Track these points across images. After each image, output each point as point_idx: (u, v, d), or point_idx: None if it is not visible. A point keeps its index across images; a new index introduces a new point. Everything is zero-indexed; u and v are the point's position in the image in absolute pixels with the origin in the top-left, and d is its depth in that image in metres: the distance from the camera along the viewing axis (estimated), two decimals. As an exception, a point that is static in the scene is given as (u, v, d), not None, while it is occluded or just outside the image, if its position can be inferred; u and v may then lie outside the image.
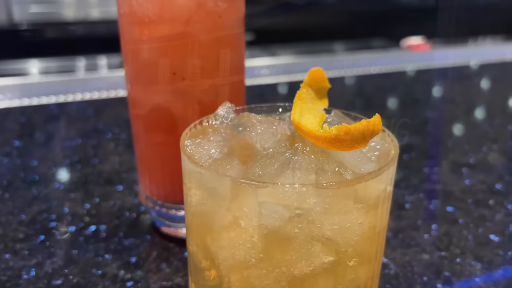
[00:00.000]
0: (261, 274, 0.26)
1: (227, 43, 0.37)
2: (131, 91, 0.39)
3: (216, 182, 0.26)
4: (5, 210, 0.48)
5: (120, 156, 0.60)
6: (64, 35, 2.51)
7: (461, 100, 0.84)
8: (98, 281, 0.38)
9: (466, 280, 0.38)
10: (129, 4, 0.35)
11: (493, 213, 0.48)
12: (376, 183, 0.26)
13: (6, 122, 0.72)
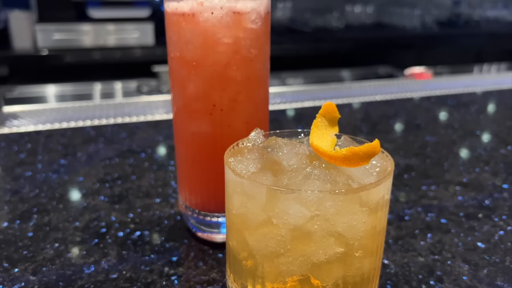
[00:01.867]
0: (288, 261, 0.34)
1: (256, 81, 0.46)
2: (177, 117, 0.47)
3: (255, 189, 0.34)
4: (61, 218, 0.56)
5: (155, 173, 0.69)
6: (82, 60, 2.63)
7: (459, 125, 0.91)
8: (147, 275, 0.46)
9: (455, 279, 0.45)
10: (180, 50, 0.44)
11: (482, 224, 0.55)
12: (376, 192, 0.34)
13: (50, 143, 0.81)
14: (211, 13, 0.41)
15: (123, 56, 2.70)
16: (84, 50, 2.64)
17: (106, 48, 2.67)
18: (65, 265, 0.47)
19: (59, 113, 0.98)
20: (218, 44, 0.43)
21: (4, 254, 0.49)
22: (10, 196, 0.62)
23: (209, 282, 0.45)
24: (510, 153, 0.77)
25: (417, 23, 3.64)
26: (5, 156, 0.75)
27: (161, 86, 2.66)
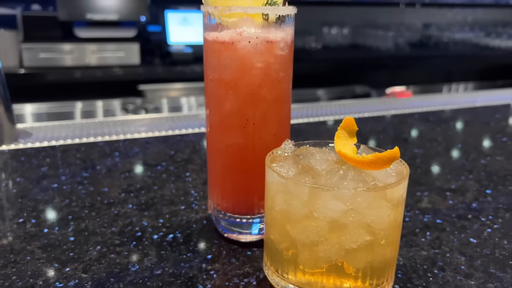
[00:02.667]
0: (325, 249, 0.41)
1: (282, 99, 0.53)
2: (212, 131, 0.54)
3: (298, 188, 0.41)
4: (97, 225, 0.61)
5: (174, 183, 0.74)
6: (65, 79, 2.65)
7: (442, 139, 1.01)
8: (188, 271, 0.52)
9: (454, 268, 0.53)
10: (219, 73, 0.50)
11: (471, 224, 0.63)
12: (398, 190, 0.41)
13: (67, 158, 0.85)
14: (248, 42, 0.49)
15: (109, 75, 2.74)
16: (68, 68, 2.67)
17: (91, 67, 2.70)
18: (111, 264, 0.52)
19: (69, 129, 1.02)
20: (252, 68, 0.50)
21: (52, 256, 0.54)
22: (42, 205, 0.66)
23: (244, 275, 0.51)
24: (489, 163, 0.86)
25: (390, 44, 3.81)
26: (28, 170, 0.79)
27: (146, 104, 2.71)
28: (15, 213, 0.64)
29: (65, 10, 2.63)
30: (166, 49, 2.93)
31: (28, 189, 0.72)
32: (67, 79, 2.67)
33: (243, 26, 0.49)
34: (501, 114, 1.26)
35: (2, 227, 0.60)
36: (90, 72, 2.70)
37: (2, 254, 0.54)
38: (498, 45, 4.04)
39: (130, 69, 2.76)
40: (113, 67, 2.74)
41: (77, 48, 2.66)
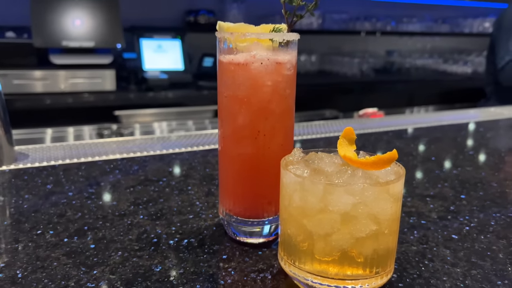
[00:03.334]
0: (338, 238, 0.47)
1: (288, 113, 0.60)
2: (225, 142, 0.60)
3: (313, 186, 0.47)
4: (113, 233, 0.65)
5: (178, 196, 0.79)
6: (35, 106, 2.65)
7: (416, 153, 1.10)
8: (208, 269, 0.57)
9: (442, 259, 0.60)
10: (233, 90, 0.57)
11: (452, 223, 0.71)
12: (398, 185, 0.48)
13: (70, 176, 0.89)
14: (261, 63, 0.56)
15: (85, 101, 2.75)
16: (42, 95, 2.66)
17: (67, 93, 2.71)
18: (136, 266, 0.57)
19: (65, 150, 1.05)
20: (263, 86, 0.57)
21: (78, 261, 0.58)
22: (56, 218, 0.70)
23: (259, 271, 0.56)
24: (460, 173, 0.96)
25: (356, 70, 3.99)
26: (34, 187, 0.82)
27: (121, 130, 2.73)
28: (32, 225, 0.67)
29: (40, 37, 2.65)
30: (141, 75, 2.98)
31: (39, 204, 0.75)
32: (39, 105, 2.66)
33: (255, 50, 0.56)
34: (465, 132, 1.38)
35: (22, 238, 0.64)
36: (65, 98, 2.70)
37: (29, 262, 0.57)
38: (455, 70, 4.31)
39: (106, 95, 2.79)
40: (89, 93, 2.75)
41: (52, 75, 2.67)
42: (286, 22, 0.59)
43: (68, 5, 2.73)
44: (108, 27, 2.81)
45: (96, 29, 2.78)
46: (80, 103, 2.74)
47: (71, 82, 2.72)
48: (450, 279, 0.56)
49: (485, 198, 0.82)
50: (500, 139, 1.34)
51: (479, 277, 0.56)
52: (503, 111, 1.70)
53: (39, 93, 2.67)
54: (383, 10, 4.34)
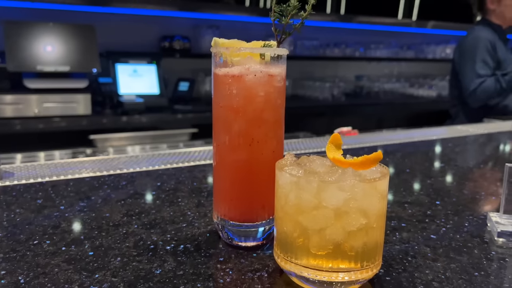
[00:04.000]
0: (331, 232, 0.51)
1: (279, 122, 0.64)
2: (220, 150, 0.64)
3: (308, 184, 0.51)
4: (111, 241, 0.67)
5: (169, 207, 0.82)
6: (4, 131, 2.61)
7: (392, 166, 1.16)
8: (206, 270, 0.59)
9: (423, 255, 0.65)
10: (228, 100, 0.61)
11: (429, 225, 0.77)
12: (384, 182, 0.53)
13: (59, 191, 0.90)
14: (254, 75, 0.60)
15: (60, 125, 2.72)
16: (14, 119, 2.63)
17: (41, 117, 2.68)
18: (136, 270, 0.59)
19: (50, 168, 1.06)
20: (257, 96, 0.61)
21: (78, 267, 0.59)
22: (51, 230, 0.71)
23: (256, 270, 0.59)
24: (434, 182, 1.02)
25: (327, 94, 4.11)
26: (24, 202, 0.83)
27: (96, 154, 2.71)
28: (27, 236, 0.68)
29: (14, 61, 2.64)
30: (117, 99, 2.98)
31: (32, 217, 0.76)
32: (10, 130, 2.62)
33: (248, 63, 0.60)
34: (435, 147, 1.46)
35: (19, 248, 0.65)
36: (38, 123, 2.67)
37: (29, 268, 0.58)
38: (421, 94, 4.50)
39: (81, 119, 2.77)
40: (63, 117, 2.74)
41: (25, 99, 2.65)
42: (276, 39, 0.64)
43: (43, 30, 2.73)
44: (84, 52, 2.83)
45: (72, 53, 2.79)
46: (54, 127, 2.72)
47: (45, 106, 2.70)
48: (432, 272, 0.60)
49: (458, 203, 0.88)
50: (467, 153, 1.42)
51: (458, 270, 0.61)
52: (469, 129, 1.81)
53: (10, 117, 2.63)
54: (352, 37, 4.52)
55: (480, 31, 2.52)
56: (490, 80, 2.38)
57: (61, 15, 3.17)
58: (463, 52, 2.52)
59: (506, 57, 2.49)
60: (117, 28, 3.39)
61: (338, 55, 4.32)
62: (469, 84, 2.43)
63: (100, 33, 2.93)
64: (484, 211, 0.85)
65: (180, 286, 0.55)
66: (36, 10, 3.07)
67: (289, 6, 0.62)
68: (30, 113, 2.66)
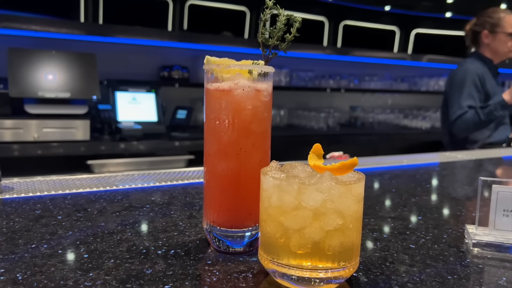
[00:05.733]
0: (310, 231, 0.55)
1: (266, 133, 0.69)
2: (210, 159, 0.68)
3: (289, 186, 0.56)
4: (105, 246, 0.71)
5: (162, 219, 0.85)
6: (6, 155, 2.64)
7: (378, 187, 1.21)
8: (195, 271, 0.63)
9: (401, 262, 0.69)
10: (218, 113, 0.66)
11: (410, 236, 0.80)
12: (359, 186, 0.57)
13: (57, 204, 0.93)
14: (243, 90, 0.66)
15: (58, 150, 2.77)
16: (14, 144, 2.67)
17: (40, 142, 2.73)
18: (128, 270, 0.62)
19: (49, 184, 1.10)
20: (245, 109, 0.66)
21: (74, 266, 0.63)
22: (49, 236, 0.75)
23: (241, 272, 0.63)
24: (418, 201, 1.06)
25: (322, 124, 4.19)
26: (23, 212, 0.87)
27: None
28: (26, 241, 0.72)
29: (16, 88, 2.71)
30: (115, 126, 3.04)
31: (30, 225, 0.79)
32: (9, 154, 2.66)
33: (238, 79, 0.66)
34: (423, 170, 1.51)
35: (17, 250, 0.68)
36: (37, 148, 2.72)
37: (27, 268, 0.62)
38: (415, 125, 4.58)
39: (79, 144, 2.82)
40: (62, 142, 2.78)
41: (25, 124, 2.70)
42: (263, 58, 0.70)
43: (45, 57, 2.82)
44: (84, 79, 2.91)
45: (73, 80, 2.86)
46: (52, 152, 2.76)
47: (44, 131, 2.75)
48: (408, 275, 0.64)
49: (439, 219, 0.92)
50: (453, 176, 1.47)
51: (433, 274, 0.65)
52: (457, 155, 1.86)
53: (9, 141, 2.68)
54: (346, 69, 4.64)
55: (470, 64, 2.61)
56: (470, 112, 2.44)
57: (63, 44, 3.27)
58: (452, 83, 2.60)
59: (494, 90, 2.57)
60: (118, 57, 3.49)
61: (333, 86, 4.43)
62: (452, 114, 2.51)
63: (101, 61, 3.03)
64: (463, 225, 0.89)
65: (169, 283, 0.59)
66: (39, 39, 3.18)
67: (275, 29, 0.69)
68: (29, 138, 2.71)
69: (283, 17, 0.69)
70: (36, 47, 3.15)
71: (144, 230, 0.79)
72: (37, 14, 3.52)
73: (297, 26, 0.69)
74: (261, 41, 0.69)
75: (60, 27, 3.07)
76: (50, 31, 2.99)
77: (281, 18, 0.69)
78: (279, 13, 0.69)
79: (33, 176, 2.56)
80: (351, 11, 5.00)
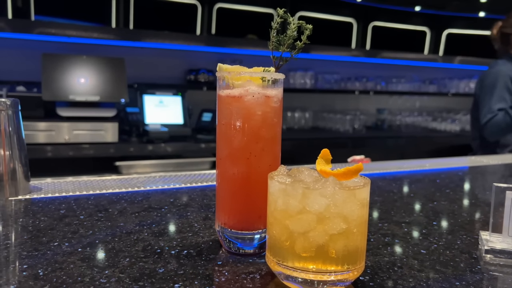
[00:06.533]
0: (315, 235, 0.57)
1: (275, 138, 0.71)
2: (222, 163, 0.70)
3: (294, 191, 0.57)
4: (122, 245, 0.74)
5: (179, 220, 0.88)
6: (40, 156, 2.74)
7: (397, 191, 1.20)
8: (205, 271, 0.65)
9: (410, 267, 0.69)
10: (229, 118, 0.69)
11: (422, 242, 0.80)
12: (363, 191, 0.58)
13: (81, 204, 0.98)
14: (252, 96, 0.68)
15: (88, 151, 2.86)
16: (47, 145, 2.78)
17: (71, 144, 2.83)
18: (142, 268, 0.65)
19: (74, 185, 1.15)
20: (255, 115, 0.68)
21: (91, 264, 0.66)
22: (71, 234, 0.79)
23: (250, 273, 0.65)
24: (436, 206, 1.06)
25: (348, 127, 4.16)
26: (48, 212, 0.91)
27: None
28: (49, 239, 0.76)
29: (49, 91, 2.82)
30: (143, 128, 3.12)
31: (54, 224, 0.84)
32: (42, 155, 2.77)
33: (248, 86, 0.68)
34: (445, 175, 1.49)
35: (40, 247, 0.72)
36: (68, 149, 2.82)
37: (49, 265, 0.66)
38: (444, 128, 4.49)
39: (108, 146, 2.91)
40: (91, 144, 2.88)
41: (57, 126, 2.81)
42: (274, 65, 0.72)
43: (77, 62, 2.92)
44: (113, 83, 3.00)
45: (102, 84, 2.96)
46: (83, 154, 2.86)
47: (75, 134, 2.85)
48: (415, 281, 0.64)
49: (455, 224, 0.92)
50: (476, 181, 1.44)
51: (440, 279, 0.65)
52: (483, 160, 1.82)
53: (44, 143, 2.79)
54: (373, 71, 4.60)
55: (502, 66, 2.54)
56: (501, 114, 2.38)
57: (94, 49, 3.38)
58: (483, 85, 2.54)
59: (527, 92, 2.50)
60: (146, 61, 3.57)
61: (359, 89, 4.39)
62: (483, 117, 2.45)
63: (129, 65, 3.11)
64: (479, 231, 0.88)
65: (179, 282, 0.61)
66: (71, 44, 3.29)
67: (286, 36, 0.70)
68: (61, 140, 2.81)
69: (293, 25, 0.70)
70: (69, 52, 3.26)
71: (160, 231, 0.82)
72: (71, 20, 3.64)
73: (307, 34, 0.71)
74: (272, 49, 0.71)
75: (91, 32, 3.18)
76: (81, 36, 3.10)
77: (292, 26, 0.70)
78: (289, 21, 0.71)
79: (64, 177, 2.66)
80: (380, 12, 4.94)
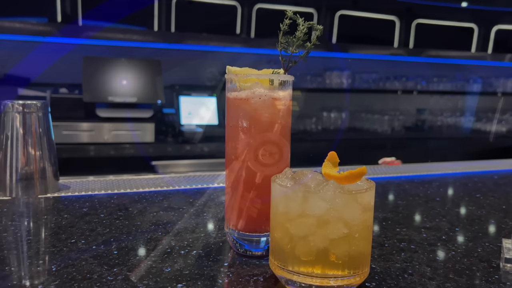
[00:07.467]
0: (314, 239, 0.56)
1: (283, 140, 0.71)
2: (231, 165, 0.71)
3: (294, 194, 0.57)
4: (134, 244, 0.76)
5: (194, 220, 0.90)
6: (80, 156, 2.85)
7: (423, 195, 1.16)
8: (210, 272, 0.66)
9: (421, 274, 0.66)
10: (236, 120, 0.69)
11: (440, 248, 0.77)
12: (365, 196, 0.57)
13: (103, 203, 1.01)
14: (259, 98, 0.68)
15: (125, 151, 2.95)
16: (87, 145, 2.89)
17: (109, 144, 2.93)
18: (149, 268, 0.67)
19: (101, 184, 1.19)
20: (262, 117, 0.68)
21: (102, 262, 0.68)
22: (88, 232, 0.81)
23: (254, 275, 0.65)
24: (461, 211, 1.01)
25: (387, 127, 4.06)
26: (72, 210, 0.95)
27: (157, 179, 2.89)
28: (67, 236, 0.79)
29: (89, 93, 2.93)
30: (178, 129, 3.18)
31: (75, 222, 0.87)
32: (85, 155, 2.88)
33: (256, 88, 0.68)
34: (478, 179, 1.42)
35: (58, 244, 0.75)
36: (108, 149, 2.92)
37: (63, 261, 0.68)
38: (489, 129, 4.29)
39: (145, 146, 2.99)
40: (130, 144, 2.97)
41: (97, 127, 2.91)
42: (283, 67, 0.72)
43: (116, 65, 3.02)
44: (150, 85, 3.07)
45: (139, 86, 3.04)
46: (121, 153, 2.95)
47: (114, 134, 2.94)
48: (424, 289, 0.62)
49: (479, 231, 0.88)
50: (511, 186, 1.37)
51: (452, 288, 0.62)
52: (523, 163, 1.73)
53: (85, 143, 2.90)
54: (413, 70, 4.46)
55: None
56: None
57: (131, 51, 3.48)
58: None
59: None
60: (182, 63, 3.64)
61: (397, 88, 4.28)
62: None
63: (165, 67, 3.18)
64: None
65: (182, 282, 0.62)
66: (110, 47, 3.41)
67: (295, 38, 0.70)
68: (100, 140, 2.92)
69: (302, 27, 0.70)
70: (108, 54, 3.38)
71: (174, 230, 0.83)
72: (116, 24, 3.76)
73: (317, 35, 0.70)
74: (281, 51, 0.71)
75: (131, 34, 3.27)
76: (120, 39, 3.20)
77: (301, 28, 0.70)
78: (298, 22, 0.70)
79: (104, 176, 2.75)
80: (424, 9, 4.78)
